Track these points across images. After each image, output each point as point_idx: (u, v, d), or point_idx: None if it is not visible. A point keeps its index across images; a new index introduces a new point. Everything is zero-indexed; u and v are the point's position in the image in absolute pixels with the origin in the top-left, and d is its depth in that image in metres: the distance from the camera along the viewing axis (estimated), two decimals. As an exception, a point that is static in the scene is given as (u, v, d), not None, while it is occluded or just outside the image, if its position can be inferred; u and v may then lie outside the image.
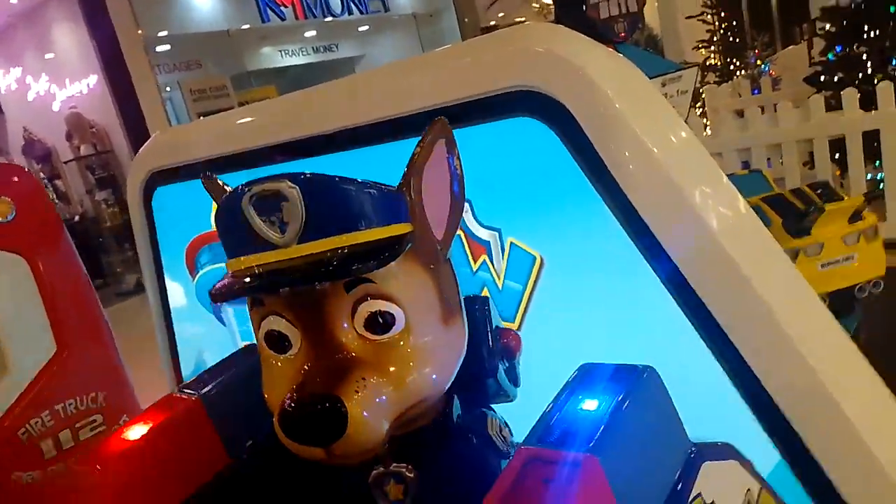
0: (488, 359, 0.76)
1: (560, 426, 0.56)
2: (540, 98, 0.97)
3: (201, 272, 1.62)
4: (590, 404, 0.58)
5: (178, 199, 1.59)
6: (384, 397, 0.59)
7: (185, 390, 0.84)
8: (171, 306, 1.72)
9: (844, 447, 0.90)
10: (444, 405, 0.70)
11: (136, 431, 0.78)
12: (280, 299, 0.62)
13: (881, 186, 3.83)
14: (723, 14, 7.59)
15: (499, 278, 1.13)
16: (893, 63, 4.31)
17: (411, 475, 0.64)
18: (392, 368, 0.60)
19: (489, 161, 1.09)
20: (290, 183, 0.59)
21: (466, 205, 1.13)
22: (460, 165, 0.70)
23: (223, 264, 0.70)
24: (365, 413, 0.56)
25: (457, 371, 0.68)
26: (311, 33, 12.51)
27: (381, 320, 0.61)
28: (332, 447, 0.57)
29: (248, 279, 0.61)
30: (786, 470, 0.92)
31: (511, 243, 1.11)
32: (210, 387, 0.83)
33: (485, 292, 1.16)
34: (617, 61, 1.03)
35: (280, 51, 12.67)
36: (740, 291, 0.92)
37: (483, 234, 1.13)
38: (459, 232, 1.16)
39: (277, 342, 0.63)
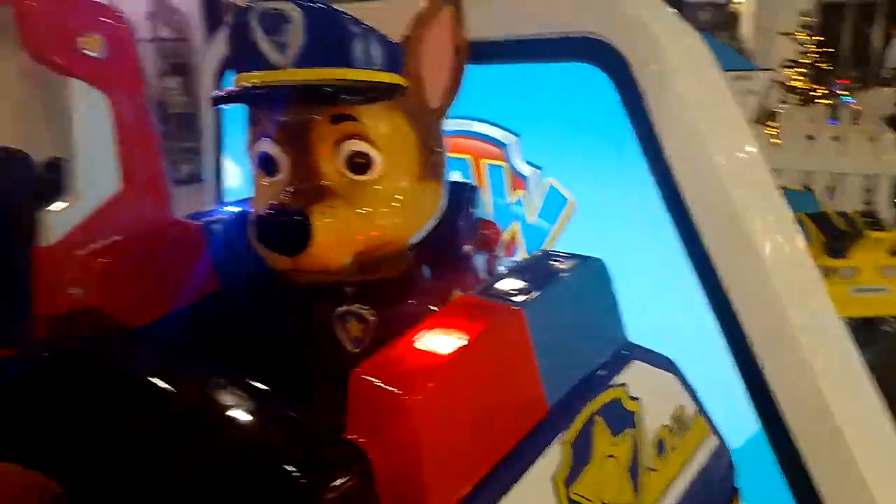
0: (462, 238, 0.82)
1: (503, 287, 0.63)
2: (606, 49, 1.00)
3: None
4: (534, 276, 0.66)
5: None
6: (350, 228, 0.65)
7: (190, 218, 0.90)
8: (228, 187, 1.79)
9: (833, 455, 0.92)
10: (412, 265, 0.77)
11: (138, 240, 0.85)
12: (273, 122, 0.68)
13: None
14: (821, 39, 7.30)
15: (531, 214, 1.19)
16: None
17: (372, 318, 0.71)
18: (361, 206, 0.67)
19: (545, 100, 1.13)
20: (294, 6, 0.63)
21: (514, 139, 1.18)
22: (465, 39, 0.73)
23: None
24: (329, 233, 0.62)
25: (424, 231, 0.74)
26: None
27: (359, 160, 0.67)
28: (296, 259, 0.63)
29: (244, 92, 0.67)
30: (763, 443, 0.96)
31: (550, 184, 1.15)
32: (215, 218, 0.89)
33: (514, 225, 1.21)
34: (696, 42, 1.03)
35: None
36: (762, 285, 0.93)
37: (525, 169, 1.18)
38: (503, 163, 1.21)
39: (267, 164, 0.69)
